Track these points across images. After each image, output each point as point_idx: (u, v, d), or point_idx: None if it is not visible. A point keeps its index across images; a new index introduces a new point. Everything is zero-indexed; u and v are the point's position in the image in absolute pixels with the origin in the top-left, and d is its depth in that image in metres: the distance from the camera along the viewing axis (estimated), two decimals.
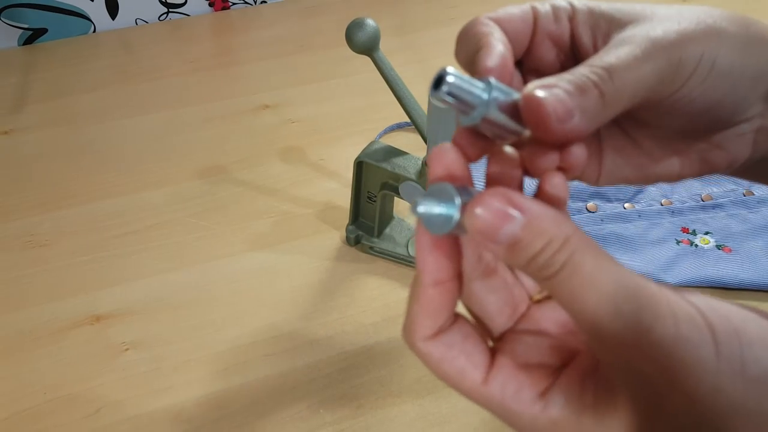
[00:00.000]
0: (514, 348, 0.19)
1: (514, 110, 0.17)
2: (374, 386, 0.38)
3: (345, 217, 0.47)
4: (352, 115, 0.57)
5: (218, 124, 0.57)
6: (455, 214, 0.16)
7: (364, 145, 0.42)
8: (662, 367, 0.15)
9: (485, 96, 0.17)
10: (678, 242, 0.44)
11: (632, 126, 0.21)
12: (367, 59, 0.39)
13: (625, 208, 0.46)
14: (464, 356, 0.19)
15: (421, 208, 0.17)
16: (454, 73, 0.16)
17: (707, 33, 0.18)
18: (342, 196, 0.49)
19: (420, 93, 0.40)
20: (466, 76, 0.17)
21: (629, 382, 0.16)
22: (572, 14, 0.20)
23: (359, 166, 0.42)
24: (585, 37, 0.20)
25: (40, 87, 0.61)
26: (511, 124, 0.17)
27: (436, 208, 0.17)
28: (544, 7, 0.20)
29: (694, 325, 0.15)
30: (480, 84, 0.17)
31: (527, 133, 0.18)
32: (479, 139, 0.18)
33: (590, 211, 0.46)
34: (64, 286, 0.44)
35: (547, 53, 0.20)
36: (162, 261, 0.45)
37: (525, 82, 0.21)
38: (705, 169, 0.21)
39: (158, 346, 0.40)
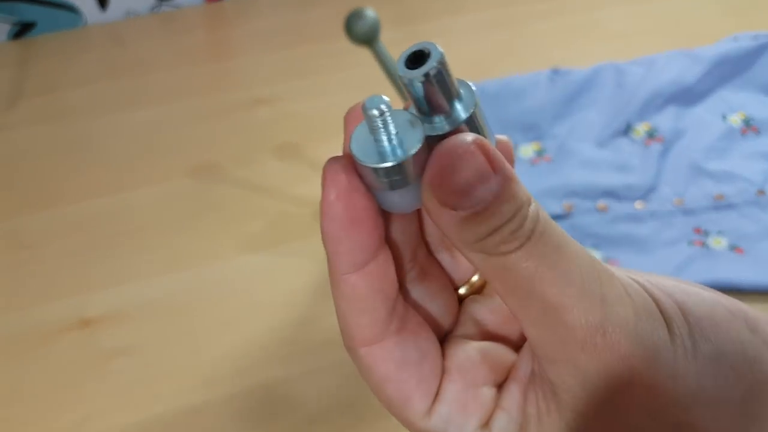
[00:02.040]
0: (457, 366, 0.16)
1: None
2: (374, 396, 0.37)
3: None
4: None
5: (211, 119, 0.56)
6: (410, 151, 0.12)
7: None
8: (622, 355, 0.13)
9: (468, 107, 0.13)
10: (690, 243, 0.43)
11: None
12: (367, 51, 0.37)
13: (636, 207, 0.45)
14: (415, 381, 0.15)
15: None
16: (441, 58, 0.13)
17: None
18: None
19: None
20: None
21: (580, 375, 0.14)
22: None
23: None
24: None
25: (29, 83, 0.60)
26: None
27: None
28: None
29: (647, 307, 0.14)
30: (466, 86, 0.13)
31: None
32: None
33: (601, 211, 0.45)
34: (52, 289, 0.42)
35: None
36: (152, 263, 0.44)
37: None
38: None
39: (148, 351, 0.39)
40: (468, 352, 0.17)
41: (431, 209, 0.13)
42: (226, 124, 0.55)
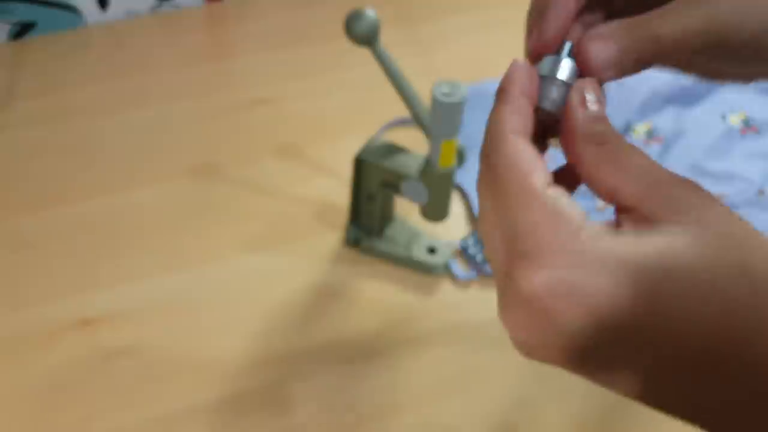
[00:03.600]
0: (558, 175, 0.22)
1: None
2: (374, 395, 0.37)
3: (344, 217, 0.46)
4: (351, 110, 0.56)
5: (212, 119, 0.55)
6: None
7: (364, 142, 0.41)
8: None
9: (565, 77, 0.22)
10: None
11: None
12: (367, 51, 0.37)
13: None
14: (542, 167, 0.20)
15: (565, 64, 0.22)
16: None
17: None
18: (341, 195, 0.48)
19: (423, 87, 0.39)
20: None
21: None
22: None
23: (358, 163, 0.41)
24: None
25: (29, 83, 0.60)
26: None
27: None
28: None
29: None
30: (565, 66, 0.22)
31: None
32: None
33: (600, 211, 0.44)
34: (52, 289, 0.42)
35: None
36: (152, 263, 0.44)
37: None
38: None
39: (148, 352, 0.39)
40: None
41: (576, 106, 0.21)
42: (226, 124, 0.55)
